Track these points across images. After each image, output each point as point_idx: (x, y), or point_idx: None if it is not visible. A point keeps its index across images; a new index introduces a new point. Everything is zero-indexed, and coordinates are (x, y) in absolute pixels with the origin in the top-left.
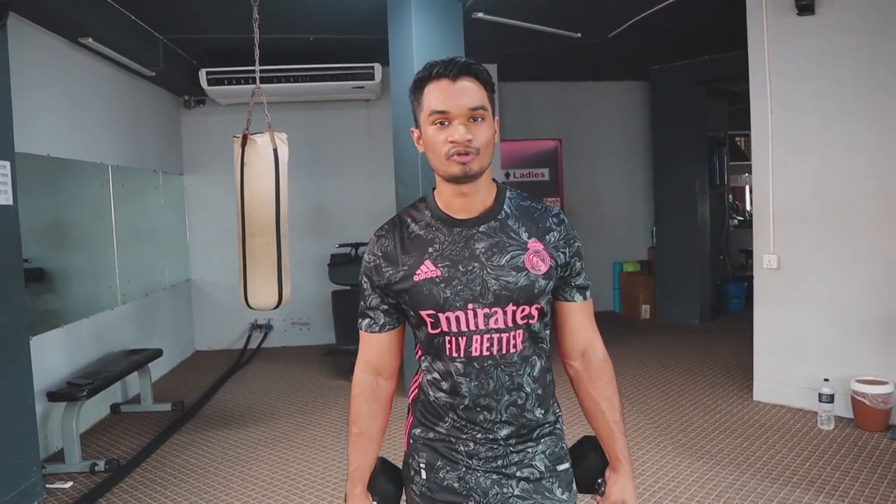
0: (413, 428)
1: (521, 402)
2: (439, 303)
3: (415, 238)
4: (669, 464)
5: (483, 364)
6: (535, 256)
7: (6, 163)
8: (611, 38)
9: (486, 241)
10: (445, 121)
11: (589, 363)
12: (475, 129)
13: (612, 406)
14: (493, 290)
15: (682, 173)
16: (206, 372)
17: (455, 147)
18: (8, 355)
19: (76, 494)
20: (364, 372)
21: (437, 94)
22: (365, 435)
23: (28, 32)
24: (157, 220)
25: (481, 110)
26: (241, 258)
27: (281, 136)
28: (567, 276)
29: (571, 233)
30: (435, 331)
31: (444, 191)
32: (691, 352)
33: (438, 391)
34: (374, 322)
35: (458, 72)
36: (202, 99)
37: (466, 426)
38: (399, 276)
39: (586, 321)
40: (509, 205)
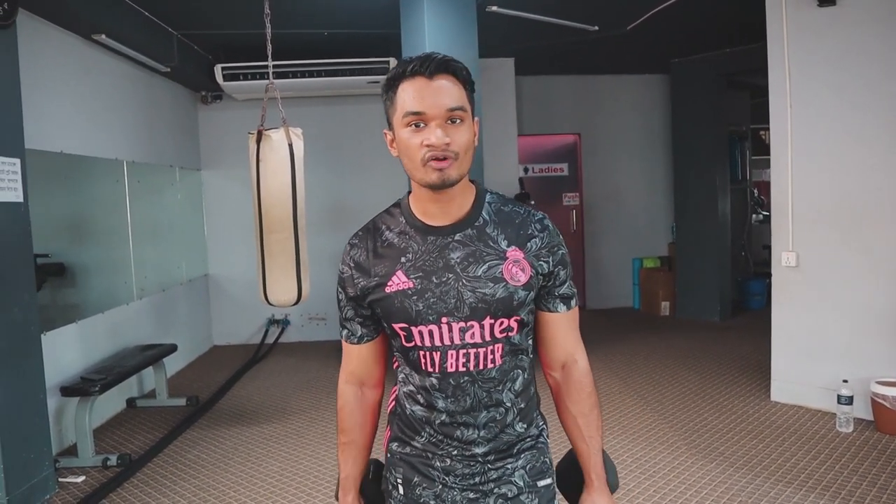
0: (391, 441)
1: (501, 418)
2: (411, 316)
3: (388, 246)
4: (682, 465)
5: (459, 380)
6: (514, 266)
7: (16, 160)
8: (629, 31)
9: (462, 250)
10: (421, 122)
11: (569, 376)
12: (453, 132)
13: (588, 421)
14: (469, 302)
15: (702, 168)
16: (223, 367)
17: (432, 151)
18: (20, 351)
19: (87, 489)
20: (347, 383)
21: (412, 94)
22: (353, 444)
23: (42, 30)
24: (174, 216)
25: (460, 111)
26: (260, 255)
27: (296, 131)
28: (550, 286)
29: (556, 240)
30: (409, 344)
31: (420, 196)
32: (709, 350)
33: (415, 404)
34: (352, 334)
35: (434, 69)
36: (219, 94)
37: (443, 441)
38: (371, 287)
39: (569, 332)
40: (488, 210)
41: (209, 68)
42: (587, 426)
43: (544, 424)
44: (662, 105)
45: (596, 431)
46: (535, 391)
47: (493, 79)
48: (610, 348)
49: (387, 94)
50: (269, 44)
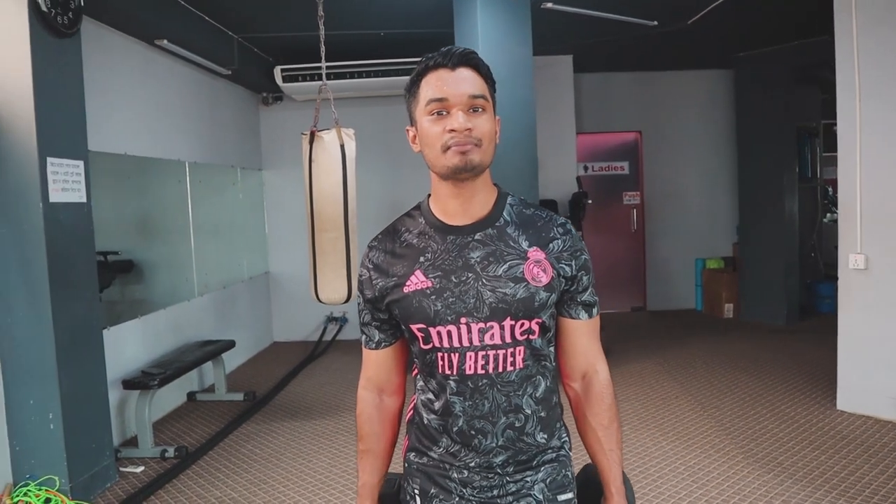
0: (408, 451)
1: (520, 426)
2: (430, 316)
3: (407, 247)
4: (737, 474)
5: (477, 383)
6: (535, 266)
7: (79, 162)
8: (690, 25)
9: (482, 249)
10: (443, 110)
11: (589, 387)
12: (475, 119)
13: (608, 434)
14: (489, 303)
15: (769, 166)
16: (281, 363)
17: (454, 136)
18: (83, 345)
19: (146, 479)
20: (366, 389)
21: (434, 83)
22: (371, 452)
23: (106, 37)
24: (235, 215)
25: (482, 99)
26: (311, 253)
27: (348, 131)
28: (572, 291)
29: (578, 244)
30: (427, 346)
31: (440, 192)
32: (773, 355)
33: (431, 413)
34: (370, 339)
35: (456, 61)
36: (279, 96)
37: (460, 451)
38: (389, 287)
39: (590, 341)
40: (510, 211)
41: (269, 70)
42: (607, 439)
43: (567, 437)
44: (726, 101)
45: (616, 445)
46: (559, 401)
47: (550, 76)
48: (669, 351)
49: (410, 90)
50: (322, 46)
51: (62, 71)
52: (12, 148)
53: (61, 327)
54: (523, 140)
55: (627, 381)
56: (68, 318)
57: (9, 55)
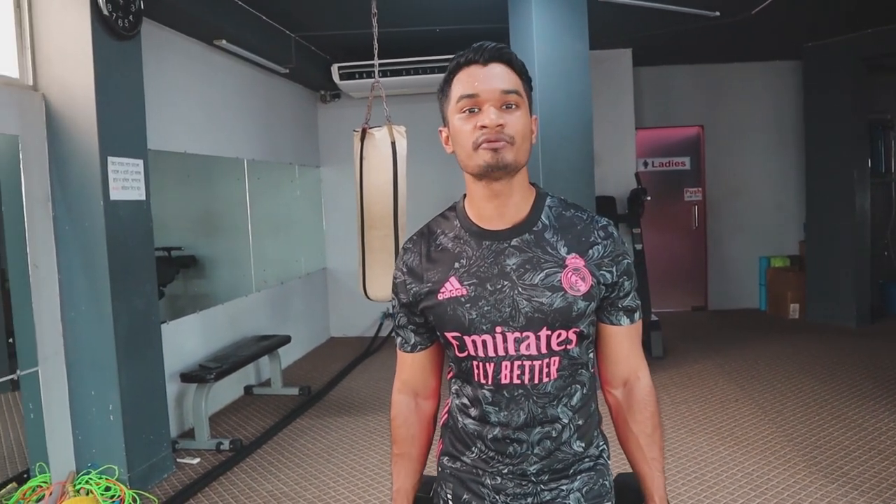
0: (442, 455)
1: (556, 435)
2: (464, 325)
3: (442, 251)
4: (798, 483)
5: (513, 393)
6: (574, 275)
7: (139, 161)
8: (754, 15)
9: (519, 256)
10: (475, 107)
11: (631, 394)
12: (508, 116)
13: (650, 442)
14: (525, 312)
15: (839, 160)
16: (337, 358)
17: (485, 133)
18: (142, 339)
19: (201, 470)
20: (401, 392)
21: (465, 80)
22: (406, 456)
23: (166, 38)
24: (292, 211)
25: (515, 95)
26: (361, 250)
27: (399, 128)
28: (613, 298)
29: (620, 248)
30: (462, 354)
31: (475, 194)
32: (842, 358)
33: (467, 417)
34: (406, 341)
35: (488, 56)
36: (337, 93)
37: (494, 458)
38: (423, 293)
39: (632, 347)
40: (548, 214)
41: (327, 68)
42: (650, 447)
43: (605, 444)
44: (793, 93)
45: (659, 453)
46: (596, 408)
47: (608, 71)
48: (730, 352)
49: (442, 90)
50: (375, 43)
51: (123, 73)
52: (75, 148)
53: (121, 322)
54: (579, 136)
55: (685, 383)
56: (128, 313)
57: (72, 58)
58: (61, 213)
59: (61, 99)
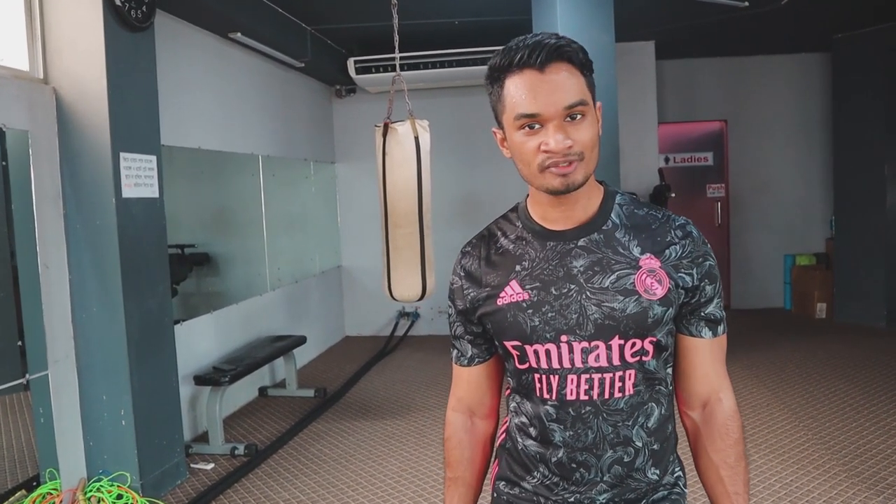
0: (498, 480)
1: (629, 460)
2: (525, 333)
3: (503, 254)
4: (841, 494)
5: (580, 410)
6: (649, 277)
7: (152, 157)
8: (784, 6)
9: (587, 257)
10: (536, 124)
11: (711, 417)
12: (575, 131)
13: (733, 474)
14: (594, 319)
15: (868, 155)
16: (353, 358)
17: (551, 158)
18: (154, 341)
19: (216, 476)
20: (456, 411)
21: (522, 92)
22: (460, 480)
23: (180, 30)
24: (307, 208)
25: (580, 106)
26: (385, 249)
27: (422, 123)
28: (693, 304)
29: (702, 248)
30: (523, 366)
31: (539, 200)
32: (874, 360)
33: (527, 438)
34: (462, 354)
35: (546, 58)
36: (353, 88)
37: (558, 485)
38: (482, 298)
39: (714, 364)
40: (619, 213)
41: (342, 62)
42: (732, 480)
43: (681, 471)
44: (821, 87)
45: (743, 487)
46: (674, 430)
47: (631, 63)
48: (757, 353)
49: (491, 87)
50: (396, 35)
51: (136, 65)
52: (86, 144)
53: (133, 323)
54: (605, 131)
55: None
56: (140, 314)
57: (83, 50)
58: (72, 211)
59: (72, 93)
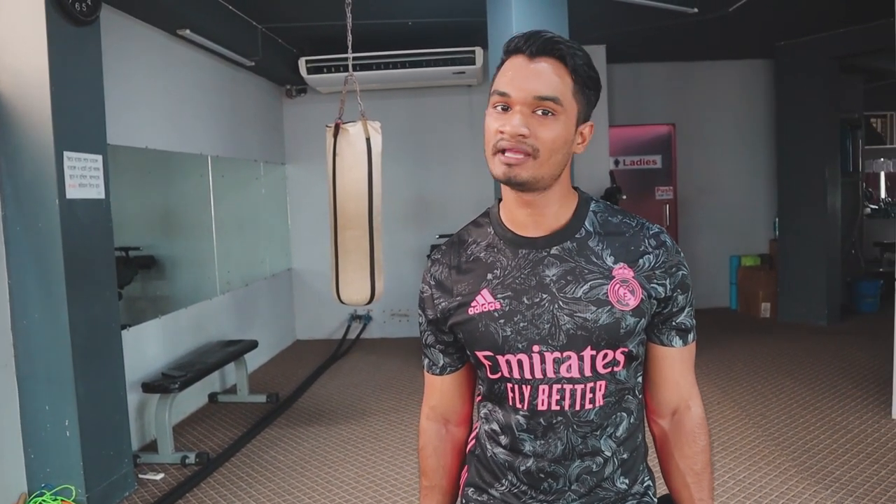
0: (467, 486)
1: (598, 470)
2: (497, 343)
3: (473, 261)
4: (792, 490)
5: (551, 421)
6: (622, 287)
7: (98, 156)
8: (731, 13)
9: (560, 266)
10: (506, 105)
11: (680, 425)
12: (538, 125)
13: (699, 480)
14: (566, 329)
15: (810, 159)
16: (305, 362)
17: (502, 139)
18: (101, 348)
19: (165, 487)
20: (430, 419)
21: (506, 72)
22: (437, 489)
23: (127, 26)
24: (257, 210)
25: (552, 102)
26: (333, 252)
27: (374, 124)
28: (666, 314)
29: (675, 258)
30: (494, 375)
31: (508, 199)
32: (818, 357)
33: (497, 446)
34: (434, 364)
35: (538, 49)
36: (304, 88)
37: (526, 493)
38: (453, 308)
39: (684, 372)
40: (592, 220)
41: (294, 62)
42: (698, 486)
43: (650, 481)
44: (765, 92)
45: (708, 493)
46: (643, 440)
47: None
48: (705, 352)
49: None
50: (349, 34)
51: (80, 61)
52: (27, 142)
53: (78, 329)
54: None
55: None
56: (86, 320)
57: (24, 44)
58: (12, 213)
59: (12, 88)
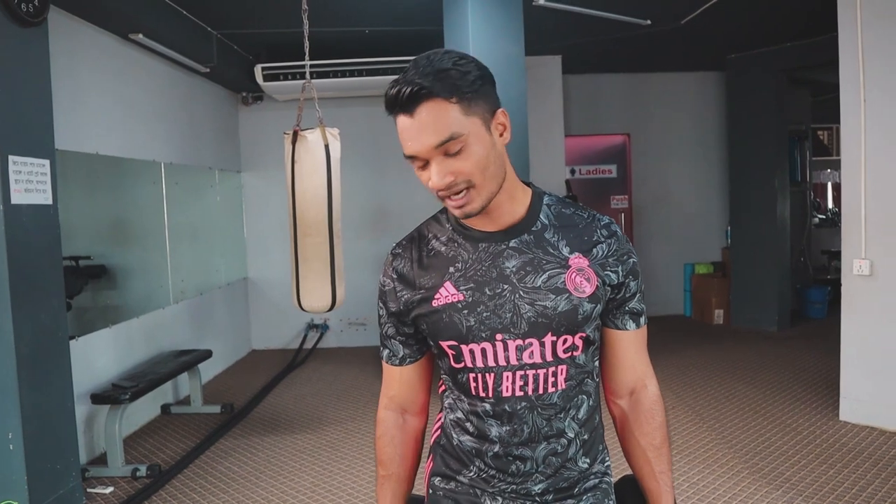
0: (432, 475)
1: (563, 451)
2: (461, 333)
3: (435, 256)
4: (744, 491)
5: (516, 406)
6: (578, 275)
7: (45, 161)
8: (683, 25)
9: (519, 258)
10: (421, 163)
11: (638, 404)
12: (455, 163)
13: (659, 455)
14: (528, 317)
15: (760, 169)
16: (260, 372)
17: (439, 192)
18: (48, 358)
19: (115, 501)
20: (387, 409)
21: (401, 131)
22: (394, 477)
23: (77, 29)
24: (212, 218)
25: (450, 142)
26: (294, 259)
27: (333, 131)
28: (619, 299)
29: (625, 247)
30: (458, 365)
31: None
32: (769, 362)
33: (463, 433)
34: (394, 354)
35: (410, 102)
36: (259, 95)
37: (494, 477)
38: (416, 301)
39: (639, 353)
40: (547, 213)
41: (249, 69)
42: (658, 461)
43: (609, 460)
44: (717, 104)
45: (667, 466)
46: (601, 420)
47: (539, 77)
48: (660, 358)
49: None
50: (306, 41)
51: (26, 63)
52: None
53: (23, 339)
54: (515, 142)
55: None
56: (31, 330)
57: None
58: None
59: None
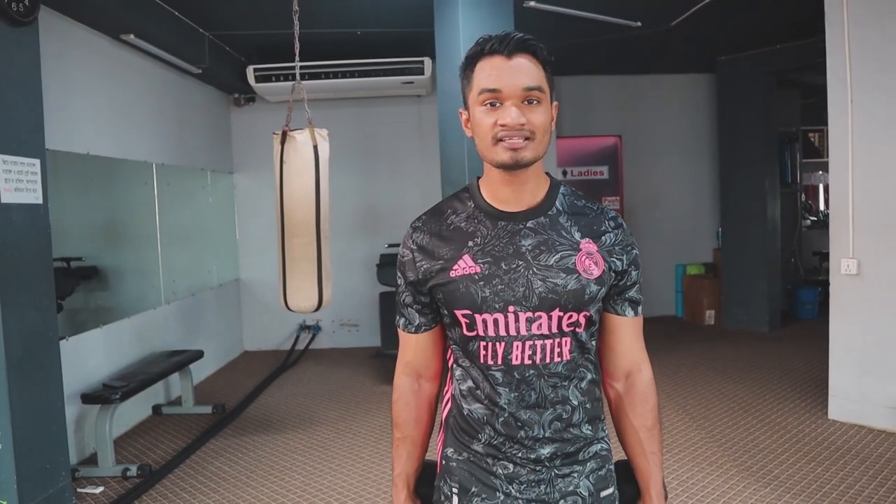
0: (445, 448)
1: (567, 416)
2: (476, 303)
3: (454, 230)
4: (733, 489)
5: (524, 373)
6: (587, 259)
7: (35, 161)
8: (673, 27)
9: (534, 237)
10: (497, 101)
11: (633, 387)
12: (530, 112)
13: (650, 436)
14: (539, 292)
15: (750, 171)
16: (252, 373)
17: (505, 131)
18: (38, 358)
19: (105, 500)
20: (404, 374)
21: (488, 71)
22: (409, 439)
23: (69, 30)
24: (204, 219)
25: (537, 91)
26: (281, 259)
27: (322, 132)
28: (621, 286)
29: (629, 238)
30: (470, 333)
31: (492, 178)
32: (759, 362)
33: (474, 402)
34: (410, 322)
35: (513, 48)
36: (252, 97)
37: (505, 444)
38: (435, 271)
39: (636, 339)
40: (562, 201)
41: (241, 70)
42: (650, 441)
43: (606, 433)
44: (708, 105)
45: (658, 447)
46: (601, 395)
47: None
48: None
49: (464, 73)
50: (297, 42)
51: (16, 62)
52: None
53: (13, 339)
54: None
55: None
56: (21, 329)
57: None
58: None
59: None
